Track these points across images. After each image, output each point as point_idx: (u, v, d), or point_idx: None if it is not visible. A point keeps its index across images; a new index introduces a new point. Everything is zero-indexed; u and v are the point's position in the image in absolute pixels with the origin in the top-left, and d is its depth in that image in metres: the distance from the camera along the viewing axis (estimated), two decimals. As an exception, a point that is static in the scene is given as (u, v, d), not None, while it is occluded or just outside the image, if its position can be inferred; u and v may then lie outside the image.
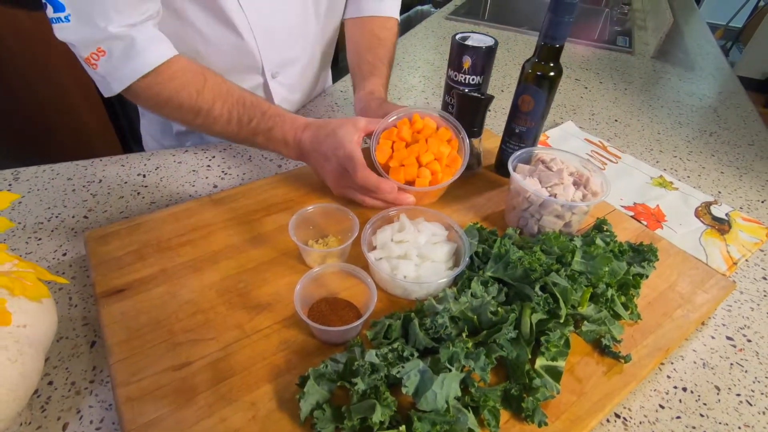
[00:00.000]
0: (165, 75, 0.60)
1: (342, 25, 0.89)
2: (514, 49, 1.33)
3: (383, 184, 0.59)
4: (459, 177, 0.62)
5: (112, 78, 0.59)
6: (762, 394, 0.50)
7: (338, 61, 1.07)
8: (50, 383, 0.46)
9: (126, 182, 0.71)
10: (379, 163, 0.61)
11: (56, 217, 0.64)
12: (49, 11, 0.55)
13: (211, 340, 0.47)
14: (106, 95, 0.62)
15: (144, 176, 0.73)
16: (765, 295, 0.61)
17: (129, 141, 1.79)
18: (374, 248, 0.55)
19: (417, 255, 0.54)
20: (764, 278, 0.64)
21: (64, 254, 0.59)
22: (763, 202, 0.79)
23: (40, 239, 0.61)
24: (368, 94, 0.74)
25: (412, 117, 0.64)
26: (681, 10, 1.79)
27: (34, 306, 0.41)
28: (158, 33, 0.61)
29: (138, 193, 0.70)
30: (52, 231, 0.62)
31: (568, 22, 0.57)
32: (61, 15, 0.55)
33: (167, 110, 0.64)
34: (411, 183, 0.61)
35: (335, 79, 1.09)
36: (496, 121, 0.95)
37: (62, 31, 0.56)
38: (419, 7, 1.98)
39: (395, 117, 0.63)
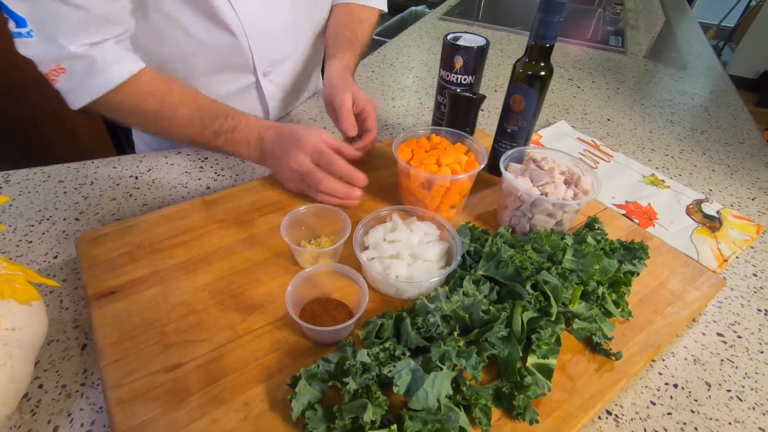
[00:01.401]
0: (127, 90, 0.61)
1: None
2: (508, 49, 1.33)
3: (357, 173, 0.60)
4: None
5: (73, 95, 0.59)
6: (752, 389, 0.50)
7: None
8: (40, 386, 0.45)
9: (118, 184, 0.71)
10: (402, 159, 0.61)
11: (47, 219, 0.64)
12: (12, 25, 0.55)
13: (204, 342, 0.47)
14: (71, 108, 0.61)
15: (136, 178, 0.73)
16: (755, 292, 0.62)
17: (123, 144, 1.78)
18: (366, 248, 0.55)
19: (409, 254, 0.54)
20: (754, 275, 0.64)
21: (55, 257, 0.59)
22: (753, 199, 0.79)
23: (30, 242, 0.61)
24: (345, 69, 0.73)
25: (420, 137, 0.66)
26: (673, 10, 1.80)
27: (24, 309, 0.41)
28: (121, 51, 0.60)
29: (130, 195, 0.69)
30: (43, 234, 0.62)
31: (557, 21, 0.57)
32: (23, 30, 0.55)
33: (129, 119, 0.64)
34: (432, 178, 0.60)
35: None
36: (489, 120, 0.96)
37: (24, 47, 0.56)
38: (413, 8, 1.98)
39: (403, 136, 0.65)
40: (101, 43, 0.58)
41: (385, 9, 0.89)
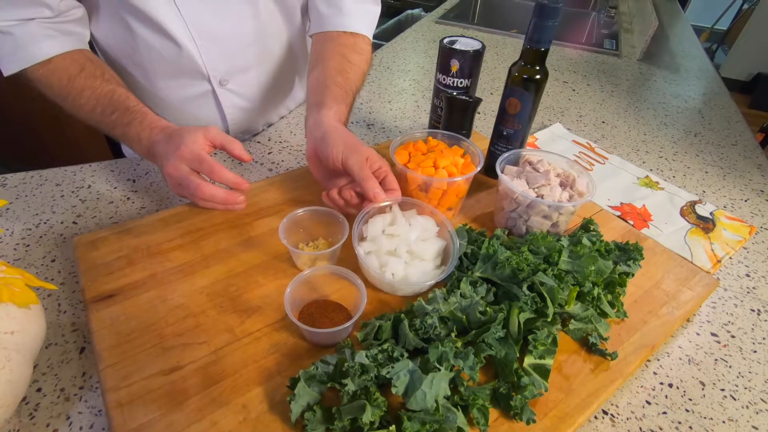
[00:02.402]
0: (47, 67, 0.62)
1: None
2: (504, 52, 1.34)
3: (238, 179, 0.59)
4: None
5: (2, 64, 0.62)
6: (745, 388, 0.51)
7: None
8: (39, 390, 0.45)
9: (116, 187, 0.71)
10: (399, 162, 0.61)
11: (45, 223, 0.64)
12: None
13: (202, 344, 0.47)
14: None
15: (134, 181, 0.73)
16: (748, 292, 0.63)
17: (120, 147, 1.77)
18: (365, 239, 0.56)
19: (407, 252, 0.54)
20: (747, 275, 0.65)
21: (53, 260, 0.59)
22: (746, 200, 0.80)
23: (28, 246, 0.60)
24: (341, 123, 0.63)
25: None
26: (666, 14, 1.82)
27: (22, 312, 0.41)
28: (46, 31, 0.61)
29: (128, 199, 0.69)
30: (41, 237, 0.62)
31: (552, 26, 0.58)
32: None
33: (39, 88, 0.64)
34: (429, 180, 0.60)
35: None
36: (485, 123, 0.97)
37: None
38: (409, 11, 2.00)
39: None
40: (27, 22, 0.60)
41: (369, 36, 0.78)
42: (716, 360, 0.53)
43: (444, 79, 0.72)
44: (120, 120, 0.62)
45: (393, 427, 0.38)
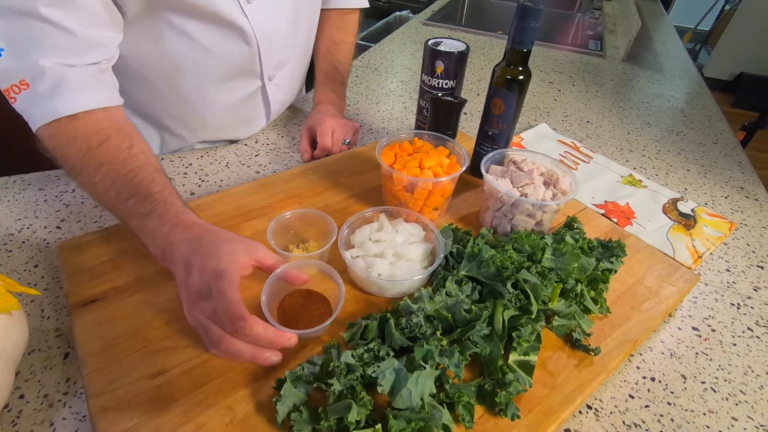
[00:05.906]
0: (68, 126, 0.52)
1: None
2: (490, 53, 1.36)
3: (279, 336, 0.43)
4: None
5: (34, 114, 0.51)
6: (725, 380, 0.52)
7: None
8: (22, 397, 0.45)
9: (100, 191, 0.70)
10: (385, 163, 0.61)
11: (27, 228, 0.63)
12: None
13: (188, 347, 0.47)
14: (33, 128, 0.53)
15: (119, 185, 0.72)
16: (728, 287, 0.64)
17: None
18: (352, 247, 0.56)
19: (393, 254, 0.54)
20: (727, 270, 0.67)
21: (36, 266, 0.58)
22: (726, 197, 0.82)
23: (10, 251, 0.60)
24: (323, 102, 0.84)
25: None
26: (650, 15, 1.85)
27: (4, 318, 0.41)
28: (95, 78, 0.54)
29: (113, 202, 0.69)
30: (23, 242, 0.61)
31: (533, 27, 0.59)
32: None
33: (57, 160, 0.54)
34: (414, 181, 0.61)
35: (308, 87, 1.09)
36: (472, 123, 0.97)
37: None
38: (397, 13, 2.00)
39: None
40: (76, 66, 0.53)
41: (366, 4, 0.92)
42: (697, 353, 0.54)
43: (429, 81, 0.72)
44: (137, 209, 0.49)
45: (379, 426, 0.39)
